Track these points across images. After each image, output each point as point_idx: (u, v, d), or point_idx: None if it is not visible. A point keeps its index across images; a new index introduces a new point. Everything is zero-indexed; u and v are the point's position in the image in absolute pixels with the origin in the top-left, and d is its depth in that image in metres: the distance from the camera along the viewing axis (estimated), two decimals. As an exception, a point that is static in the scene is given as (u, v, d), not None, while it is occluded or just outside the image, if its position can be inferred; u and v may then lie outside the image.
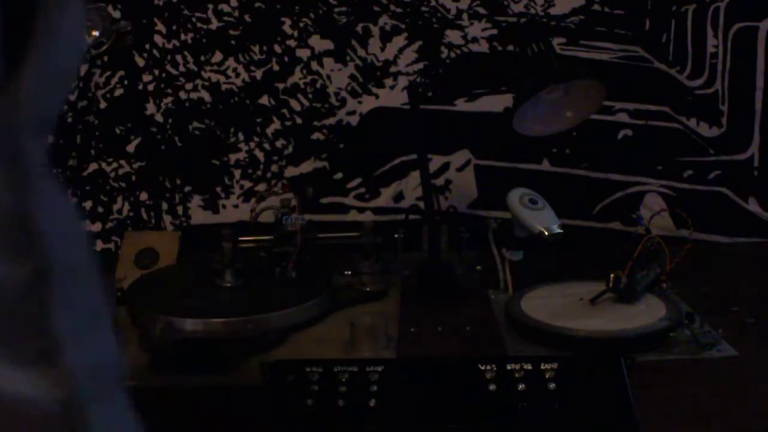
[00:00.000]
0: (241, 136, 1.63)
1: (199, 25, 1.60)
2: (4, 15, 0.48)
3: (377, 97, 1.62)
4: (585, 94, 1.32)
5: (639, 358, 0.99)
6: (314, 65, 1.61)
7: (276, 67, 1.61)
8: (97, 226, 1.65)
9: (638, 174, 1.62)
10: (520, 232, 1.27)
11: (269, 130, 1.63)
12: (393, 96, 1.61)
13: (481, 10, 1.58)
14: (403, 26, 1.59)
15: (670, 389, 0.99)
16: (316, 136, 1.63)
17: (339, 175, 1.64)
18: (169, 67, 1.61)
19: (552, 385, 0.91)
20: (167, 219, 1.65)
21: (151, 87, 1.62)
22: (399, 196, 1.64)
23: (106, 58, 1.58)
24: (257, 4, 1.59)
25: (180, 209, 1.65)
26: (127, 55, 1.44)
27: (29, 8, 0.50)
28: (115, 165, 1.64)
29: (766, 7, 1.56)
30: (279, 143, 1.63)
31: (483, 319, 1.22)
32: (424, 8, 1.58)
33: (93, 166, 1.64)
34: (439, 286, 1.35)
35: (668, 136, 1.61)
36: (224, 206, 1.65)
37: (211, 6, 1.59)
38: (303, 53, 1.60)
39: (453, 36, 1.59)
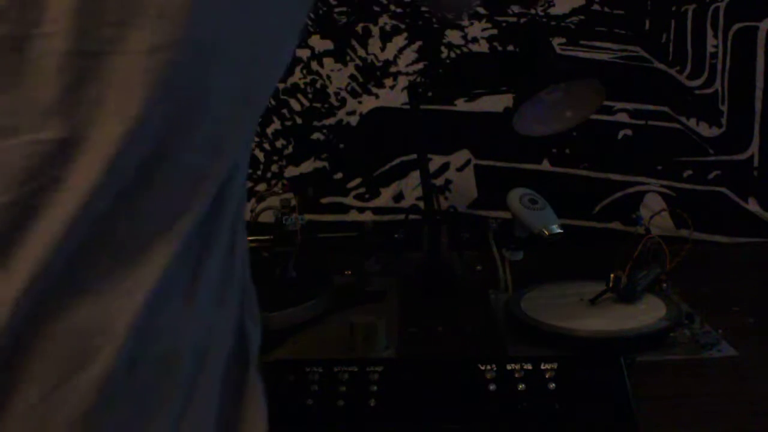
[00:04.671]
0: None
1: (199, 25, 1.59)
2: None
3: (377, 97, 1.62)
4: (585, 95, 1.32)
5: (639, 358, 0.99)
6: (314, 65, 1.61)
7: (276, 67, 1.61)
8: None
9: (638, 174, 1.62)
10: (520, 232, 1.27)
11: (269, 130, 1.63)
12: (393, 96, 1.61)
13: (481, 10, 1.58)
14: (403, 26, 1.59)
15: (670, 389, 0.99)
16: (316, 136, 1.63)
17: (339, 175, 1.64)
18: (169, 67, 1.61)
19: (552, 385, 0.91)
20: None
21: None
22: (399, 196, 1.64)
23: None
24: (257, 4, 1.59)
25: (180, 209, 1.65)
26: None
27: None
28: (115, 165, 1.64)
29: (766, 7, 1.56)
30: (279, 143, 1.63)
31: (483, 319, 1.22)
32: (424, 8, 1.58)
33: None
34: (439, 286, 1.34)
35: (668, 136, 1.61)
36: (224, 206, 1.65)
37: (211, 6, 1.59)
38: (303, 53, 1.60)
39: (453, 36, 1.59)
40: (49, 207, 0.51)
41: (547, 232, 1.23)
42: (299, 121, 1.63)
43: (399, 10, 1.59)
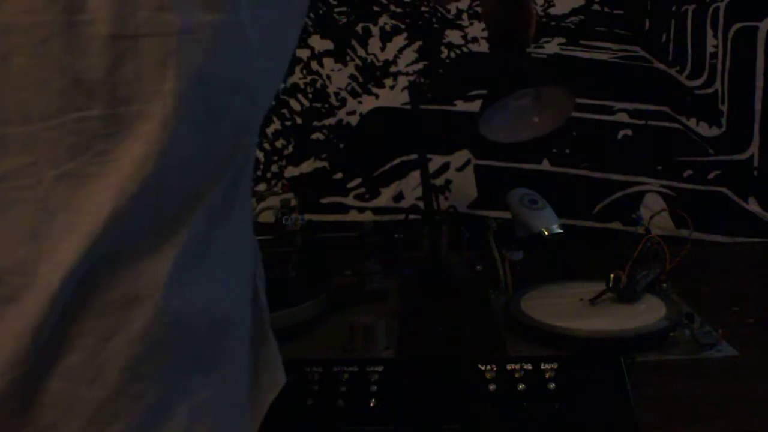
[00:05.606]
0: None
1: (199, 25, 1.59)
2: None
3: (377, 97, 1.62)
4: (555, 102, 1.30)
5: (639, 358, 0.99)
6: (314, 65, 1.61)
7: (276, 67, 1.61)
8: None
9: (638, 174, 1.62)
10: (520, 232, 1.27)
11: (269, 130, 1.63)
12: (393, 96, 1.61)
13: (481, 10, 1.58)
14: (403, 26, 1.59)
15: (670, 389, 0.99)
16: (316, 136, 1.63)
17: (339, 175, 1.64)
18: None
19: (552, 385, 0.91)
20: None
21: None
22: (399, 196, 1.64)
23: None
24: (257, 4, 1.59)
25: (180, 209, 1.65)
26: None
27: None
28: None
29: (766, 7, 1.56)
30: (279, 143, 1.64)
31: (483, 319, 1.22)
32: (424, 8, 1.58)
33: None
34: (439, 286, 1.35)
35: (668, 136, 1.61)
36: (224, 206, 1.65)
37: (211, 6, 1.59)
38: (303, 53, 1.60)
39: (453, 36, 1.59)
40: (98, 178, 0.56)
41: (547, 232, 1.23)
42: (299, 121, 1.63)
43: (399, 10, 1.59)
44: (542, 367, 0.92)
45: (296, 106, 1.62)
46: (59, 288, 0.55)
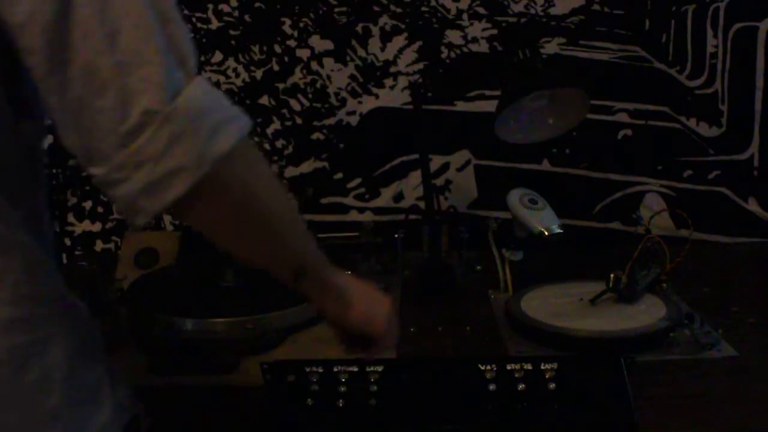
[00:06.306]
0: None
1: (199, 25, 1.60)
2: None
3: (377, 97, 1.62)
4: (569, 104, 1.30)
5: (639, 358, 0.99)
6: (314, 65, 1.61)
7: (276, 67, 1.61)
8: (97, 226, 1.65)
9: (638, 174, 1.62)
10: (520, 232, 1.27)
11: (269, 130, 1.63)
12: (393, 96, 1.61)
13: (481, 10, 1.58)
14: (403, 26, 1.59)
15: (670, 389, 0.99)
16: (316, 136, 1.63)
17: (339, 175, 1.64)
18: (169, 67, 1.61)
19: (552, 385, 0.91)
20: (167, 219, 1.65)
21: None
22: (399, 196, 1.64)
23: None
24: (257, 4, 1.59)
25: (180, 209, 1.65)
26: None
27: None
28: (115, 165, 1.64)
29: (766, 7, 1.56)
30: (279, 143, 1.63)
31: (483, 319, 1.22)
32: (424, 8, 1.58)
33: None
34: (439, 286, 1.35)
35: (668, 136, 1.61)
36: (224, 206, 1.65)
37: (211, 6, 1.59)
38: (303, 53, 1.60)
39: (453, 36, 1.59)
40: None
41: (547, 232, 1.23)
42: (299, 121, 1.63)
43: (399, 10, 1.59)
44: (542, 367, 0.92)
45: (296, 106, 1.62)
46: None
